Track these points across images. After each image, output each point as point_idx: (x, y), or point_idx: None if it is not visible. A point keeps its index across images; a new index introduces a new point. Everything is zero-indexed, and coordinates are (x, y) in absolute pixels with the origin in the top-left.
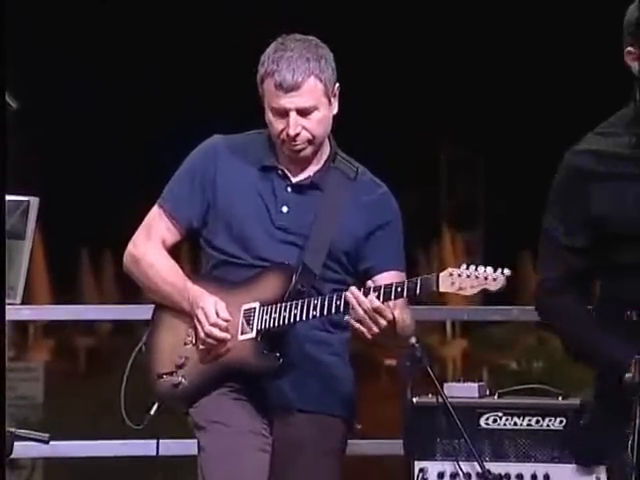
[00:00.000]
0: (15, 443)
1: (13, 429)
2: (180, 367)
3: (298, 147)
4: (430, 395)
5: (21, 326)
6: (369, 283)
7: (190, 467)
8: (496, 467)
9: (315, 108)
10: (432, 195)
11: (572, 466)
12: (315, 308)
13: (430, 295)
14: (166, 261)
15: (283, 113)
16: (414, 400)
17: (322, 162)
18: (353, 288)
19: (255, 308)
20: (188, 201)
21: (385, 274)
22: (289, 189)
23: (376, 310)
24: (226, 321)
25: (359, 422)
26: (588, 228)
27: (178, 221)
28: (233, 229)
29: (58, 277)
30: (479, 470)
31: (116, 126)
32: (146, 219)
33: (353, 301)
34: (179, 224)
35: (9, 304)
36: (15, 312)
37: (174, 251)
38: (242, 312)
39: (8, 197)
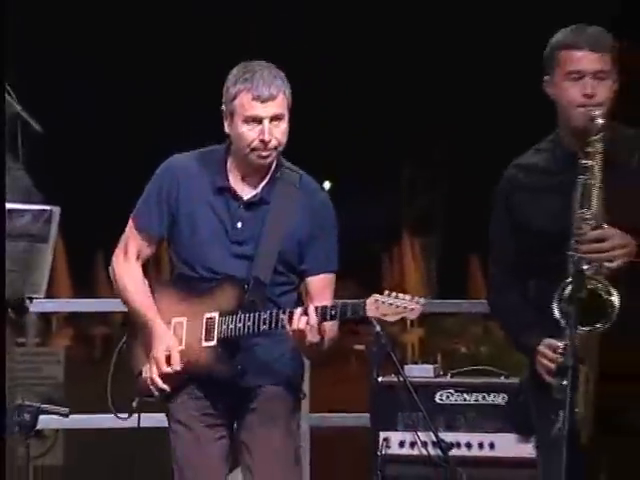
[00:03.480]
0: (40, 416)
1: (38, 404)
2: None
3: (267, 153)
4: (393, 375)
5: (45, 317)
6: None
7: None
8: (449, 436)
9: (283, 117)
10: (395, 206)
11: (513, 435)
12: (265, 322)
13: (359, 317)
14: (136, 286)
15: (257, 121)
16: (379, 379)
17: (269, 176)
18: (296, 310)
19: (215, 317)
20: (156, 217)
21: (317, 277)
22: (241, 207)
23: (310, 328)
24: (174, 370)
25: (304, 394)
26: (522, 233)
27: (149, 235)
28: (194, 245)
29: (77, 275)
30: (434, 439)
31: (120, 135)
32: (124, 234)
33: (294, 322)
34: (150, 238)
35: (35, 298)
36: (40, 305)
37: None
38: (205, 320)
39: (34, 207)
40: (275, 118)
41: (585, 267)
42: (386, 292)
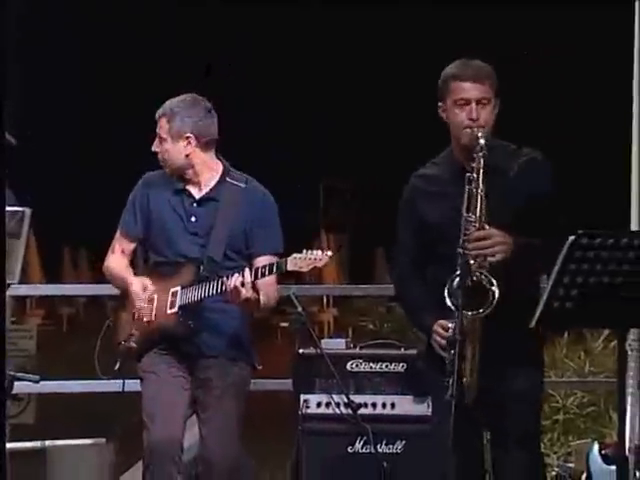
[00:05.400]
0: (15, 383)
1: (13, 373)
2: (132, 336)
3: (161, 163)
4: (311, 348)
5: (20, 300)
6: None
7: None
8: (357, 398)
9: (164, 140)
10: (315, 211)
11: (410, 397)
12: (212, 288)
13: (283, 272)
14: (120, 267)
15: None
16: (300, 351)
17: (216, 180)
18: (235, 274)
19: (178, 290)
20: (134, 223)
21: (261, 257)
22: (195, 204)
23: (240, 286)
24: (150, 295)
25: (260, 365)
26: (422, 230)
27: (130, 237)
28: (163, 237)
29: (47, 265)
30: (345, 400)
31: (94, 142)
32: (114, 238)
33: (232, 280)
34: (131, 239)
35: (10, 284)
36: (15, 289)
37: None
38: (170, 293)
39: (9, 208)
40: (160, 137)
41: (471, 262)
42: (304, 251)
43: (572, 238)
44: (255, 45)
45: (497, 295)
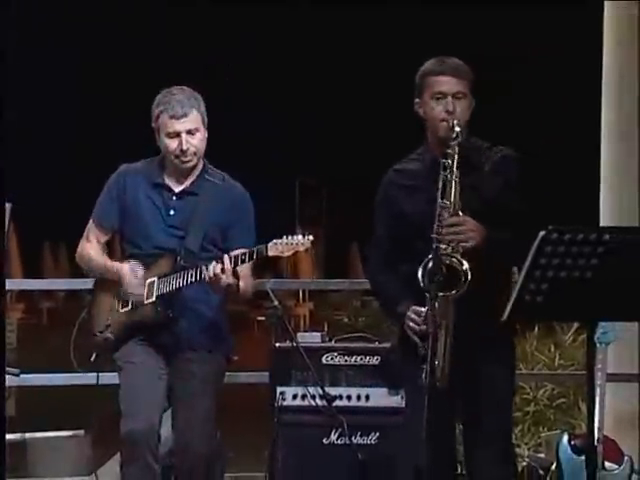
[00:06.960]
0: None
1: None
2: (108, 327)
3: (187, 159)
4: (287, 341)
5: None
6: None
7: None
8: (332, 390)
9: (197, 130)
10: (291, 208)
11: (384, 389)
12: (191, 277)
13: (263, 257)
14: (96, 253)
15: (176, 135)
16: (277, 345)
17: (195, 175)
18: (213, 262)
19: (155, 280)
20: (108, 212)
21: (237, 250)
22: (174, 198)
23: (221, 272)
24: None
25: (235, 357)
26: (396, 224)
27: (103, 227)
28: (140, 230)
29: (28, 260)
30: (321, 393)
31: (74, 140)
32: (86, 227)
33: (213, 268)
34: (104, 229)
35: None
36: None
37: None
38: (147, 284)
39: None
40: (190, 131)
41: (443, 247)
42: (284, 237)
43: (542, 233)
44: (244, 45)
45: (469, 276)
